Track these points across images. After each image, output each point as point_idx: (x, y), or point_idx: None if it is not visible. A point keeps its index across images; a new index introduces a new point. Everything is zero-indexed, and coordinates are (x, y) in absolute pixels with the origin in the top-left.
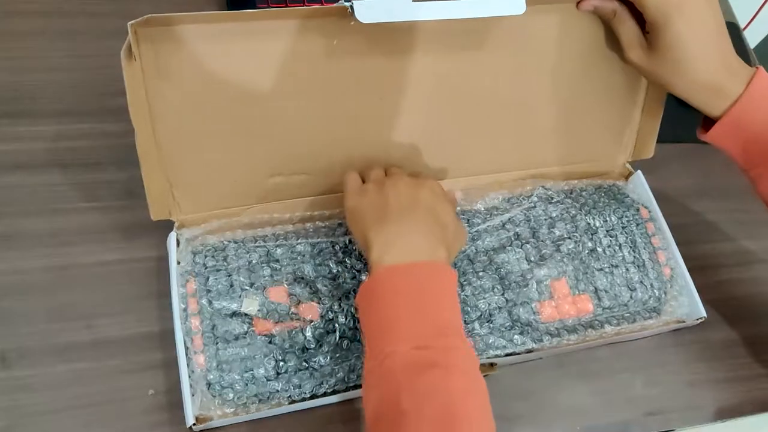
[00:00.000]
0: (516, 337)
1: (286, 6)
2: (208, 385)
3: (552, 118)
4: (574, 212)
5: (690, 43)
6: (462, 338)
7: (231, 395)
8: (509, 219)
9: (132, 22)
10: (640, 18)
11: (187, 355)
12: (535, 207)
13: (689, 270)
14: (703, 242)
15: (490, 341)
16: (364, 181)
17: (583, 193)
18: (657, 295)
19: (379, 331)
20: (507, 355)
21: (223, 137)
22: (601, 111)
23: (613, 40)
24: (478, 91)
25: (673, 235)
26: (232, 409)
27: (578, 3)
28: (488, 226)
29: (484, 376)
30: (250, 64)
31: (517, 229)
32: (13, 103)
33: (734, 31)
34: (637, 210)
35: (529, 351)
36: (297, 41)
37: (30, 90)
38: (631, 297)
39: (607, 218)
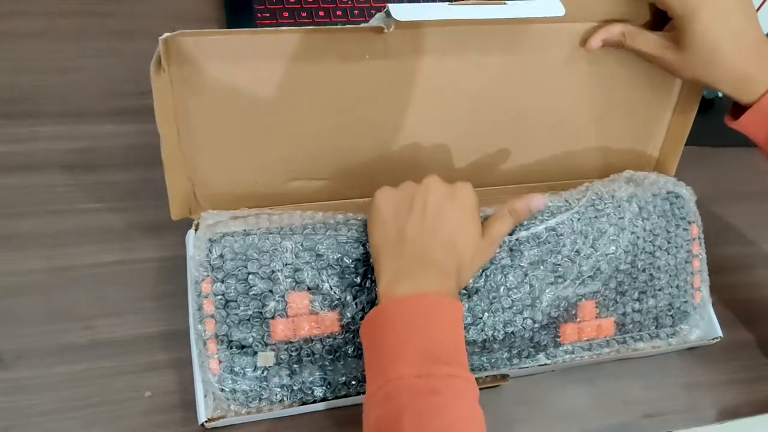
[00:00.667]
0: (533, 356)
1: (284, 6)
2: (221, 390)
3: (585, 124)
4: (623, 224)
5: (719, 33)
6: (465, 368)
7: (243, 400)
8: (554, 226)
9: (163, 36)
10: (651, 22)
11: (200, 358)
12: (581, 216)
13: None
14: (709, 245)
15: (505, 357)
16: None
17: (635, 204)
18: (682, 322)
19: (383, 360)
20: (520, 368)
21: (244, 142)
22: (635, 116)
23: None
24: (509, 97)
25: None
26: (244, 410)
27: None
28: (530, 234)
29: (495, 386)
30: (274, 76)
31: (559, 240)
32: (14, 103)
33: None
34: (688, 225)
35: (542, 365)
36: (321, 54)
37: (30, 91)
38: (656, 322)
39: (657, 233)
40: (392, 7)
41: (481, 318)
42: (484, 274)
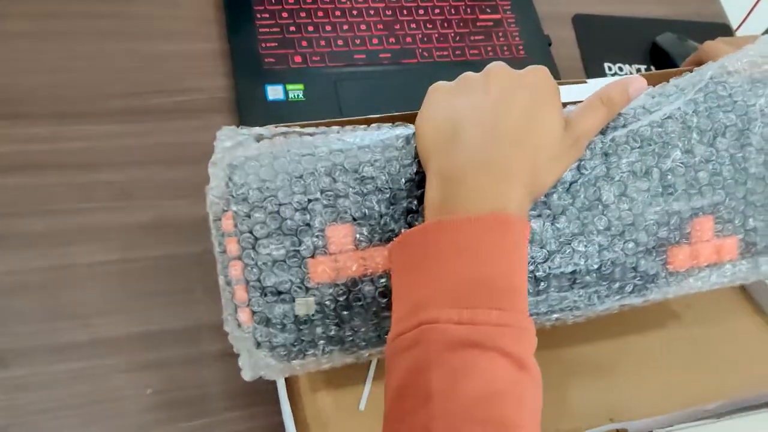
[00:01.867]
0: (640, 290)
1: (283, 7)
2: (258, 344)
3: None
4: (753, 112)
5: None
6: (521, 312)
7: (283, 355)
8: (660, 121)
9: None
10: None
11: (228, 309)
12: (697, 106)
13: None
14: None
15: (604, 293)
16: None
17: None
18: None
19: (417, 293)
20: (623, 305)
21: None
22: None
23: None
24: None
25: None
26: (286, 366)
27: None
28: (629, 132)
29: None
30: None
31: (667, 139)
32: (10, 104)
33: (726, 33)
34: None
35: (647, 301)
36: None
37: (27, 92)
38: None
39: None
40: None
41: (569, 244)
42: (572, 188)
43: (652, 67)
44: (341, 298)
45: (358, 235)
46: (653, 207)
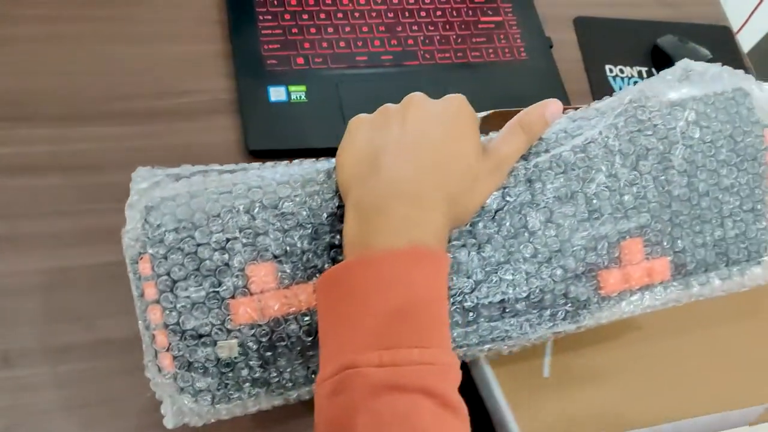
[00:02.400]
0: (573, 315)
1: (285, 9)
2: (180, 390)
3: None
4: (674, 136)
5: None
6: (442, 347)
7: (208, 400)
8: (583, 145)
9: None
10: None
11: (148, 355)
12: (619, 130)
13: None
14: None
15: (530, 319)
16: None
17: (692, 109)
18: (758, 249)
19: (338, 335)
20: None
21: None
22: None
23: None
24: None
25: None
26: (211, 412)
27: None
28: (552, 157)
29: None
30: None
31: (591, 164)
32: (15, 107)
33: (727, 35)
34: (761, 131)
35: (580, 326)
36: None
37: (31, 94)
38: (724, 257)
39: (719, 144)
40: None
41: (496, 273)
42: (497, 215)
43: (654, 70)
44: (264, 339)
45: (280, 273)
46: (580, 232)
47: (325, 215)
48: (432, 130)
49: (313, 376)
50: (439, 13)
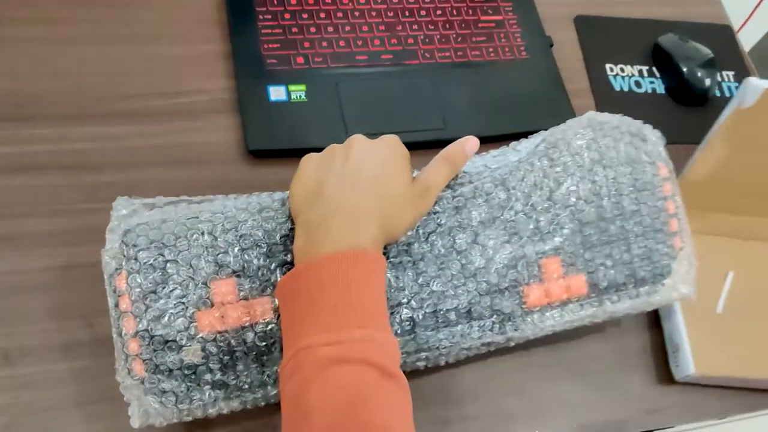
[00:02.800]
0: (495, 326)
1: (285, 9)
2: (147, 391)
3: None
4: (581, 172)
5: None
6: (382, 328)
7: (172, 401)
8: (502, 178)
9: None
10: None
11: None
12: (533, 167)
13: None
14: None
15: (464, 331)
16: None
17: (595, 149)
18: (661, 271)
19: (294, 328)
20: (483, 345)
21: None
22: None
23: None
24: None
25: None
26: (174, 413)
27: None
28: (475, 188)
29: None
30: None
31: (510, 194)
32: (17, 107)
33: (728, 34)
34: (656, 169)
35: (508, 340)
36: None
37: (33, 94)
38: (632, 275)
39: (621, 178)
40: None
41: (428, 285)
42: (430, 237)
43: (654, 69)
44: (224, 345)
45: (239, 287)
46: (502, 252)
47: (278, 236)
48: (370, 164)
49: (267, 378)
50: (439, 12)
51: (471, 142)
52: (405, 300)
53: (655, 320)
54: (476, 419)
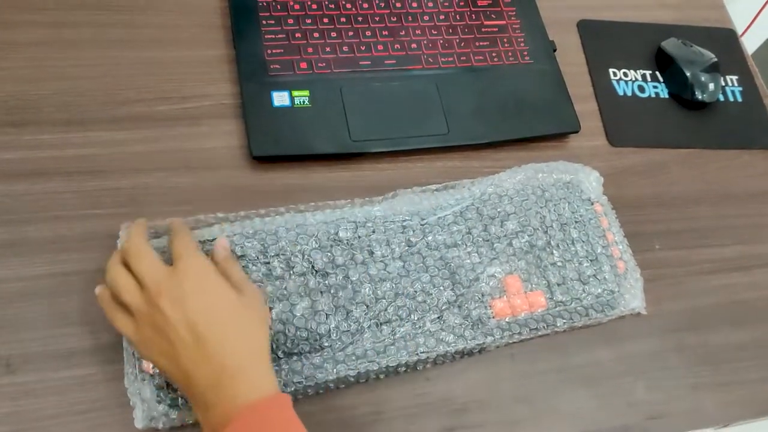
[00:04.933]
0: (467, 332)
1: (288, 14)
2: (152, 392)
3: None
4: (527, 206)
5: None
6: None
7: (179, 404)
8: (460, 213)
9: None
10: None
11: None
12: (484, 203)
13: (693, 272)
14: (705, 246)
15: (441, 337)
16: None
17: (537, 189)
18: (610, 288)
19: None
20: (456, 352)
21: None
22: None
23: None
24: None
25: (673, 238)
26: (178, 416)
27: None
28: (438, 219)
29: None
30: None
31: (468, 224)
32: (19, 112)
33: (732, 38)
34: (591, 204)
35: (480, 345)
36: None
37: (35, 99)
38: (584, 291)
39: (561, 212)
40: None
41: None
42: (406, 260)
43: (658, 73)
44: None
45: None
46: (465, 269)
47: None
48: (199, 321)
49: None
50: (442, 17)
51: (222, 242)
52: (383, 306)
53: (660, 326)
54: (482, 426)
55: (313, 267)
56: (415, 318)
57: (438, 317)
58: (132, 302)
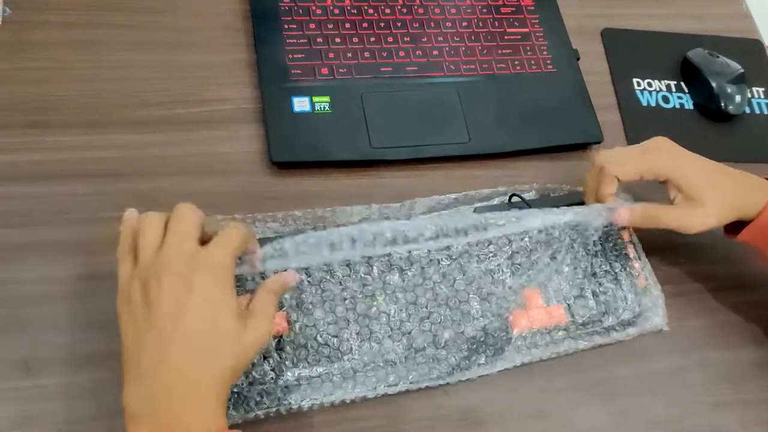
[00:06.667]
0: (489, 350)
1: (310, 18)
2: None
3: None
4: (541, 239)
5: (717, 186)
6: None
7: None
8: (485, 240)
9: None
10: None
11: None
12: (513, 239)
13: (717, 288)
14: (729, 261)
15: (458, 363)
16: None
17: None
18: (631, 306)
19: None
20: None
21: None
22: None
23: None
24: None
25: (698, 252)
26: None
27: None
28: (468, 244)
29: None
30: None
31: (498, 243)
32: (40, 113)
33: (759, 49)
34: (594, 234)
35: (504, 366)
36: None
37: (57, 101)
38: (605, 311)
39: (573, 240)
40: None
41: (428, 319)
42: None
43: (683, 84)
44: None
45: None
46: (489, 284)
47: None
48: (187, 313)
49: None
50: (465, 24)
51: (289, 276)
52: (404, 320)
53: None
54: None
55: (340, 283)
56: (441, 342)
57: (461, 332)
58: (143, 250)
